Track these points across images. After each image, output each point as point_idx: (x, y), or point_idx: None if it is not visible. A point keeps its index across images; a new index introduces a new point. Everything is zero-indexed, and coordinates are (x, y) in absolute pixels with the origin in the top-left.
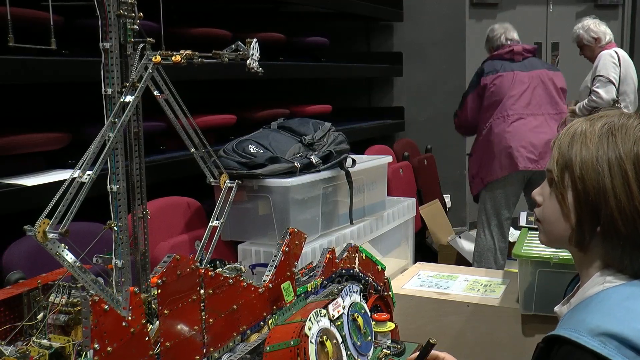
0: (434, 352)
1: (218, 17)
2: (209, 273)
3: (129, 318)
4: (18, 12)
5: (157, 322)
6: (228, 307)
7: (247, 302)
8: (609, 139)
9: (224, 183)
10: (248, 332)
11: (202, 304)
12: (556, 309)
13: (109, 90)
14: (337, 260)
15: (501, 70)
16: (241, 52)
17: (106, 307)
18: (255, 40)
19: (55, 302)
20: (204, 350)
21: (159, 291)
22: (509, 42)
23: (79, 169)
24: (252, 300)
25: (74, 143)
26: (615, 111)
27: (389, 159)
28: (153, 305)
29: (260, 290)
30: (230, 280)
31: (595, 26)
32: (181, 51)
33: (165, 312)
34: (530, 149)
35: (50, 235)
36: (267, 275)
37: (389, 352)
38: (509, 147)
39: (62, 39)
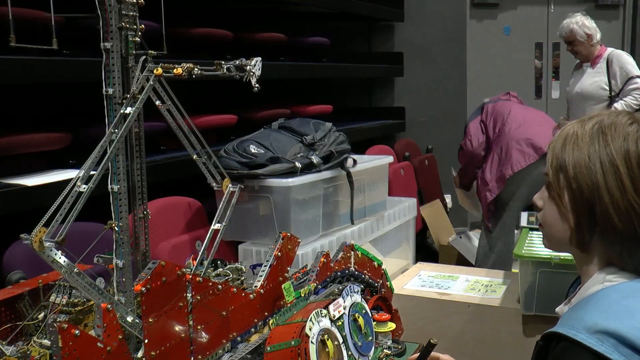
0: (434, 353)
1: (219, 17)
2: (197, 279)
3: (104, 337)
4: (19, 12)
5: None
6: (217, 313)
7: (237, 308)
8: (599, 138)
9: (227, 187)
10: (238, 339)
11: (189, 311)
12: (557, 309)
13: (110, 91)
14: (331, 264)
15: (501, 101)
16: (244, 67)
17: (77, 332)
18: (259, 59)
19: (56, 302)
20: (192, 358)
21: (143, 299)
22: None
23: (80, 179)
24: (243, 306)
25: (75, 143)
26: (605, 111)
27: (390, 159)
28: None
29: (251, 295)
30: (219, 286)
31: (589, 22)
32: (182, 64)
33: (150, 320)
34: (550, 138)
35: (47, 244)
36: (259, 281)
37: (389, 352)
38: (529, 139)
39: (63, 39)
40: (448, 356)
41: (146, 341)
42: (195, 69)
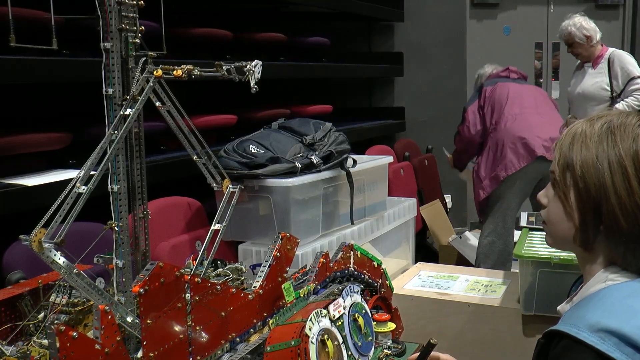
0: (434, 353)
1: (219, 18)
2: (196, 279)
3: (102, 339)
4: (19, 12)
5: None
6: (215, 314)
7: (236, 309)
8: (608, 138)
9: (227, 188)
10: (237, 339)
11: (187, 312)
12: (559, 307)
13: (110, 91)
14: (331, 264)
15: (500, 82)
16: (245, 70)
17: (74, 334)
18: (260, 62)
19: (56, 302)
20: (190, 359)
21: (141, 300)
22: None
23: (79, 180)
24: (242, 306)
25: (75, 143)
26: (614, 111)
27: (390, 159)
28: None
29: (250, 296)
30: (218, 287)
31: (587, 23)
32: (182, 66)
33: (148, 321)
34: (544, 138)
35: (46, 245)
36: (258, 281)
37: (389, 352)
38: (523, 138)
39: (63, 39)
40: (448, 355)
41: (145, 342)
42: (195, 70)
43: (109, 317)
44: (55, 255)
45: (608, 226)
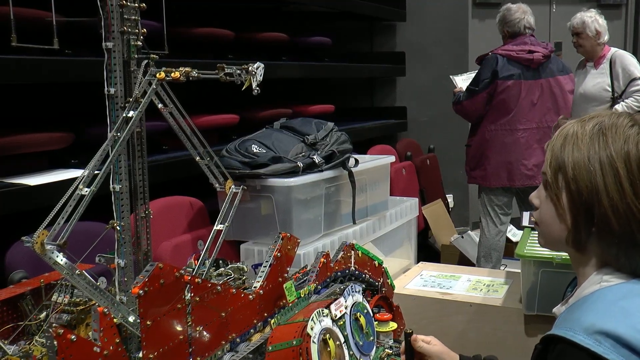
0: (420, 336)
1: (220, 17)
2: (196, 280)
3: (101, 341)
4: (20, 11)
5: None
6: (216, 314)
7: (236, 309)
8: (600, 139)
9: (229, 189)
10: (237, 339)
11: (188, 312)
12: (554, 309)
13: (112, 90)
14: (331, 264)
15: (516, 77)
16: (246, 71)
17: (73, 337)
18: (262, 65)
19: (57, 301)
20: (190, 359)
21: (141, 301)
22: (527, 32)
23: (82, 182)
24: (242, 307)
25: (77, 143)
26: (606, 111)
27: (392, 158)
28: None
29: (250, 296)
30: (218, 287)
31: (602, 20)
32: (180, 68)
33: (148, 323)
34: (529, 167)
35: (48, 247)
36: (258, 282)
37: (391, 352)
38: (509, 163)
39: (65, 38)
40: (432, 337)
41: (144, 344)
42: (193, 72)
43: (108, 318)
44: (57, 256)
45: (600, 228)
